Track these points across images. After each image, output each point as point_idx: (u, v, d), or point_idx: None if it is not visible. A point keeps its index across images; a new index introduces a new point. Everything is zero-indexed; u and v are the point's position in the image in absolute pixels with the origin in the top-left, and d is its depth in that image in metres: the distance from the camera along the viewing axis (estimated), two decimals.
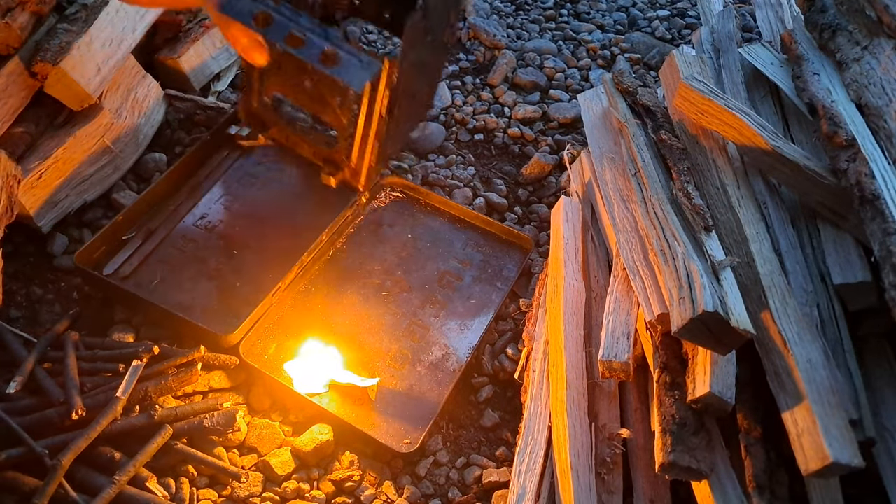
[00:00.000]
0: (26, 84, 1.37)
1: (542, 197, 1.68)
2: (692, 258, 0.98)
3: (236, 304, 1.34)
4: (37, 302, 1.35)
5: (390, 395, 1.27)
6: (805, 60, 1.22)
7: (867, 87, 1.12)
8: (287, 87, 1.15)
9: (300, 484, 1.15)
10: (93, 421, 1.07)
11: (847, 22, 1.24)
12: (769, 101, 1.32)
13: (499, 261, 1.51)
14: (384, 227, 1.54)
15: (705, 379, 0.92)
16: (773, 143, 1.09)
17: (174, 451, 1.12)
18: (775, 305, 0.96)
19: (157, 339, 1.30)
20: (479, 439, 1.27)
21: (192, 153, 1.53)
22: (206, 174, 1.55)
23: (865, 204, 0.92)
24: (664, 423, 0.94)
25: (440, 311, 1.41)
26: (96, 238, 1.38)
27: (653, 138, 1.29)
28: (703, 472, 0.89)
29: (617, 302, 1.13)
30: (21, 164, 1.34)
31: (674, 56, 1.35)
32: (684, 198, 1.10)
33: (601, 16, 2.19)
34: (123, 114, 1.53)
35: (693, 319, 0.88)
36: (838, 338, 0.95)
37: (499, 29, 2.04)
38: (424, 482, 1.19)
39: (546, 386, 1.17)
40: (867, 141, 1.01)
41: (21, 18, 1.38)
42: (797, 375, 0.87)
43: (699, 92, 1.19)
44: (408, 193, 1.59)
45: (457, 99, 1.87)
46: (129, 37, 1.51)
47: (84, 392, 1.13)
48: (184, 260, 1.42)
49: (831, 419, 0.82)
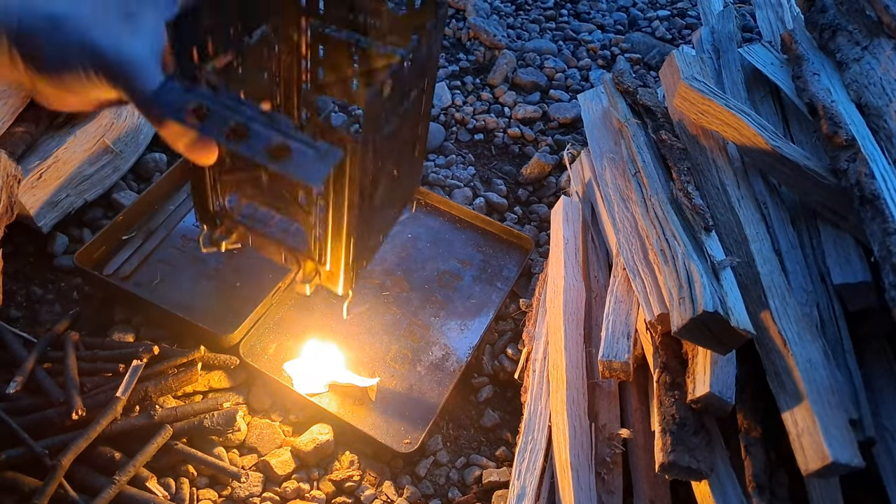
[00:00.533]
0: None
1: (542, 197, 1.68)
2: (692, 258, 0.98)
3: (236, 304, 1.34)
4: (37, 302, 1.35)
5: (390, 395, 1.27)
6: (805, 60, 1.22)
7: (867, 87, 1.12)
8: (243, 185, 0.99)
9: (300, 484, 1.15)
10: (93, 421, 1.07)
11: (847, 22, 1.24)
12: (769, 101, 1.32)
13: (499, 261, 1.51)
14: None
15: (705, 379, 0.91)
16: (773, 143, 1.08)
17: (174, 451, 1.12)
18: (775, 305, 0.95)
19: (157, 339, 1.30)
20: (479, 439, 1.27)
21: None
22: None
23: (865, 204, 0.92)
24: (664, 423, 0.93)
25: (440, 311, 1.40)
26: (96, 238, 1.38)
27: (653, 138, 1.28)
28: (703, 472, 0.89)
29: (617, 302, 1.13)
30: (21, 164, 1.34)
31: (674, 56, 1.34)
32: (684, 198, 1.10)
33: (601, 16, 2.19)
34: (123, 114, 1.53)
35: (693, 319, 0.88)
36: (838, 338, 0.95)
37: (499, 29, 2.04)
38: (424, 482, 1.19)
39: (546, 386, 1.17)
40: (867, 141, 1.01)
41: None
42: (797, 375, 0.87)
43: (699, 92, 1.19)
44: None
45: (457, 99, 1.87)
46: None
47: (84, 392, 1.13)
48: (184, 260, 1.42)
49: (831, 419, 0.82)
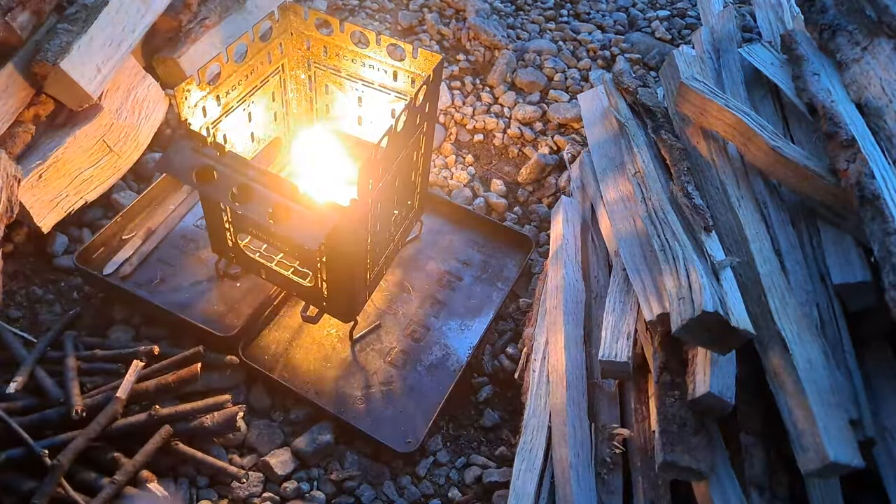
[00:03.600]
0: (26, 84, 1.37)
1: (542, 197, 1.68)
2: (692, 258, 0.98)
3: (236, 304, 1.34)
4: (37, 302, 1.35)
5: (390, 395, 1.26)
6: (805, 60, 1.22)
7: (867, 87, 1.11)
8: (255, 227, 1.09)
9: (300, 484, 1.15)
10: (93, 421, 1.07)
11: (847, 22, 1.24)
12: (769, 101, 1.31)
13: (499, 261, 1.51)
14: None
15: (705, 379, 0.91)
16: (773, 144, 1.08)
17: (174, 451, 1.12)
18: (775, 305, 0.95)
19: (157, 339, 1.30)
20: (479, 439, 1.26)
21: None
22: None
23: (865, 204, 0.92)
24: (664, 422, 0.93)
25: (440, 311, 1.40)
26: (96, 238, 1.38)
27: (653, 138, 1.28)
28: (702, 472, 0.89)
29: (617, 302, 1.13)
30: (21, 164, 1.34)
31: (674, 56, 1.34)
32: (684, 198, 1.10)
33: (601, 16, 2.19)
34: (123, 114, 1.53)
35: (693, 319, 0.88)
36: (838, 338, 0.95)
37: (499, 29, 2.04)
38: (424, 482, 1.18)
39: (546, 386, 1.16)
40: (867, 141, 1.01)
41: (21, 18, 1.37)
42: (797, 375, 0.87)
43: (699, 92, 1.19)
44: None
45: (456, 100, 1.87)
46: (130, 37, 1.51)
47: (84, 392, 1.13)
48: (184, 260, 1.42)
49: (831, 419, 0.82)
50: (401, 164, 1.10)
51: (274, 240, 1.13)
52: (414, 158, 1.18)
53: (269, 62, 1.26)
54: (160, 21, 1.64)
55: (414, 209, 1.33)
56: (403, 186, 1.19)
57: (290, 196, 0.91)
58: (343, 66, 1.28)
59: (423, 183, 1.29)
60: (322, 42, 1.26)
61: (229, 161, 0.92)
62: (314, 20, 1.24)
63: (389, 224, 1.20)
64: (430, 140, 1.20)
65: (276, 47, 1.26)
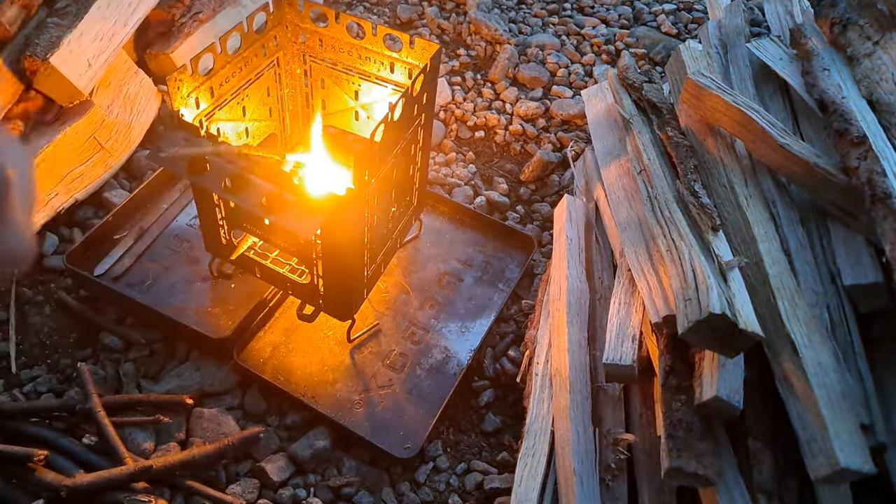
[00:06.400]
0: (15, 80, 1.35)
1: (545, 195, 1.66)
2: (699, 258, 0.96)
3: (231, 306, 1.32)
4: (26, 303, 1.33)
5: (389, 400, 1.24)
6: (815, 56, 1.21)
7: (879, 83, 1.10)
8: (250, 222, 1.08)
9: (296, 490, 1.13)
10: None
11: (858, 16, 1.23)
12: (778, 97, 1.30)
13: (500, 261, 1.48)
14: None
15: (713, 382, 0.90)
16: (782, 141, 1.07)
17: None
18: (784, 307, 0.94)
19: (150, 342, 1.28)
20: (480, 444, 1.24)
21: None
22: None
23: (877, 202, 0.90)
24: (670, 427, 0.92)
25: (440, 313, 1.38)
26: (87, 238, 1.36)
27: (658, 135, 1.27)
28: (709, 478, 0.88)
29: (622, 303, 1.11)
30: None
31: (680, 51, 1.33)
32: (691, 196, 1.09)
33: (605, 10, 2.16)
34: (115, 110, 1.51)
35: (700, 321, 0.86)
36: (849, 340, 0.93)
37: (500, 23, 2.01)
38: (424, 489, 1.16)
39: (549, 390, 1.15)
40: (879, 138, 0.99)
41: (10, 12, 1.35)
42: (807, 379, 0.86)
43: (706, 88, 1.18)
44: None
45: (457, 95, 1.85)
46: (121, 31, 1.48)
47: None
48: (177, 260, 1.39)
49: (842, 424, 0.81)
50: (398, 157, 1.08)
51: (269, 235, 1.10)
52: (412, 152, 1.16)
53: (264, 55, 1.24)
54: (152, 15, 1.63)
55: (413, 206, 1.31)
56: (401, 181, 1.17)
57: (285, 186, 0.89)
58: (339, 59, 1.26)
59: (421, 179, 1.27)
60: (318, 34, 1.24)
61: (222, 151, 0.90)
62: (310, 12, 1.22)
63: (387, 220, 1.18)
64: (428, 133, 1.18)
65: (270, 39, 1.24)
